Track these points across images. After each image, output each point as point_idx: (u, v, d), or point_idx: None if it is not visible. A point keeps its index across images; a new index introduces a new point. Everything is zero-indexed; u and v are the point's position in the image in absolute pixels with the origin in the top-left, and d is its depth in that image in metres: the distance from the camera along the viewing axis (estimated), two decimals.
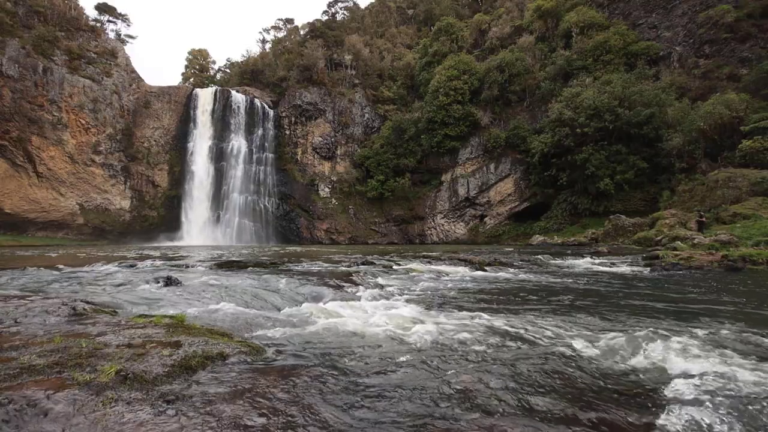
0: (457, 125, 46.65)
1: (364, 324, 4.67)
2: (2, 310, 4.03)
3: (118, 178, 49.32)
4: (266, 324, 4.62)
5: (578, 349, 3.65)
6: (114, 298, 5.72)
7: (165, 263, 12.49)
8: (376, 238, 51.21)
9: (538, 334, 4.22)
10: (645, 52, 39.50)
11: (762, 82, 30.08)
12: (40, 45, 43.75)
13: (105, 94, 47.87)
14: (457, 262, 13.03)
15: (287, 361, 3.21)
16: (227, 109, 52.69)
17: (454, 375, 2.95)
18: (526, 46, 48.26)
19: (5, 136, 41.77)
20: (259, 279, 8.46)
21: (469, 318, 5.05)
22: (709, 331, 4.33)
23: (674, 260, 12.07)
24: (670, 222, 23.07)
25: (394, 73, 59.05)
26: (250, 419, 2.13)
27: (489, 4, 64.86)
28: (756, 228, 17.48)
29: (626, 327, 4.59)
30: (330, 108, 54.82)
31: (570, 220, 38.49)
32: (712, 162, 29.40)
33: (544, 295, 7.23)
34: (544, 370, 3.06)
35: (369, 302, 6.32)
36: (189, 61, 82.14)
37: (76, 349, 2.82)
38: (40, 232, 45.99)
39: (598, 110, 35.14)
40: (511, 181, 45.62)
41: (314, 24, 65.97)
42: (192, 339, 3.25)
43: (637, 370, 3.19)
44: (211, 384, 2.55)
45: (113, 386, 2.31)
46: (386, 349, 3.63)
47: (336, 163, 54.46)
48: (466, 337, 4.05)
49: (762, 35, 33.29)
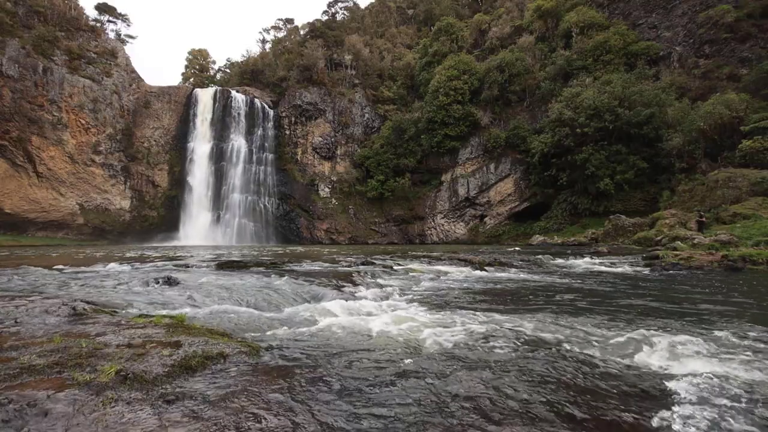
0: (457, 125, 46.67)
1: (364, 324, 4.67)
2: (2, 310, 4.03)
3: (118, 178, 49.32)
4: (266, 324, 4.62)
5: (578, 349, 3.65)
6: (114, 298, 5.71)
7: (165, 263, 12.49)
8: (376, 238, 51.21)
9: (538, 334, 4.22)
10: (645, 52, 39.49)
11: (762, 82, 30.08)
12: (40, 45, 43.75)
13: (105, 94, 47.87)
14: (457, 262, 13.03)
15: (287, 362, 3.21)
16: (227, 109, 52.68)
17: (455, 375, 2.95)
18: (526, 46, 48.27)
19: (5, 136, 41.77)
20: (260, 279, 8.46)
21: (469, 318, 5.05)
22: (710, 331, 4.33)
23: (674, 260, 12.07)
24: (670, 222, 23.07)
25: (394, 73, 59.06)
26: (250, 419, 2.13)
27: (489, 4, 64.87)
28: (756, 228, 17.48)
29: (626, 327, 4.59)
30: (330, 108, 54.81)
31: (570, 220, 38.49)
32: (712, 162, 29.40)
33: (544, 295, 7.23)
34: (544, 370, 3.06)
35: (369, 302, 6.32)
36: (189, 61, 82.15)
37: (76, 349, 2.82)
38: (40, 232, 45.99)
39: (598, 110, 35.14)
40: (511, 181, 45.62)
41: (314, 24, 65.96)
42: (192, 339, 3.25)
43: (637, 369, 3.19)
44: (211, 384, 2.55)
45: (113, 386, 2.31)
46: (386, 350, 3.63)
47: (336, 163, 54.46)
48: (466, 337, 4.05)
49: (762, 35, 33.28)
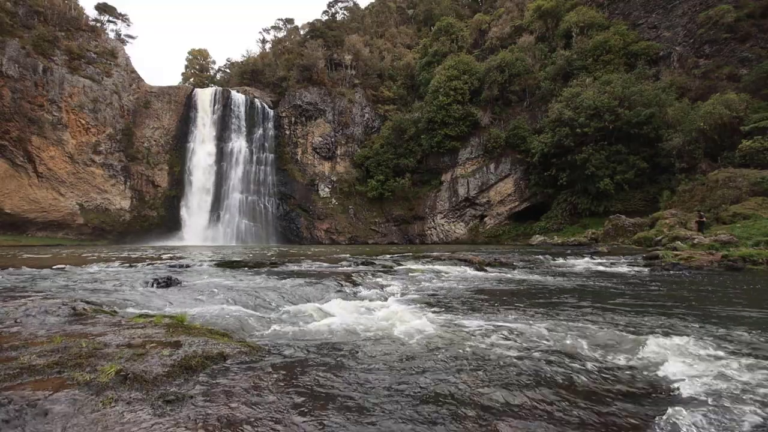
0: (457, 125, 46.67)
1: (364, 324, 4.67)
2: (2, 310, 4.03)
3: (118, 178, 49.28)
4: (266, 324, 4.62)
5: (578, 349, 3.65)
6: (114, 298, 5.71)
7: (165, 263, 12.49)
8: (376, 238, 51.20)
9: (537, 333, 4.22)
10: (645, 52, 39.49)
11: (762, 82, 30.08)
12: (40, 45, 43.72)
13: (105, 94, 47.85)
14: (457, 262, 13.03)
15: (287, 361, 3.21)
16: (227, 109, 52.68)
17: (455, 374, 2.95)
18: (526, 46, 48.27)
19: (5, 136, 41.75)
20: (260, 279, 8.46)
21: (469, 318, 5.05)
22: (710, 331, 4.33)
23: (674, 260, 12.08)
24: (670, 222, 23.06)
25: (394, 73, 59.06)
26: (250, 419, 2.13)
27: (489, 4, 64.91)
28: (756, 228, 17.48)
29: (625, 327, 4.59)
30: (330, 108, 54.81)
31: (570, 220, 38.49)
32: (712, 162, 29.39)
33: (544, 295, 7.23)
34: (543, 370, 3.06)
35: (369, 303, 6.32)
36: (189, 61, 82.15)
37: (76, 349, 2.82)
38: (40, 232, 45.95)
39: (598, 110, 35.14)
40: (511, 181, 45.62)
41: (314, 24, 65.94)
42: (192, 339, 3.25)
43: (637, 369, 3.19)
44: (211, 384, 2.55)
45: (113, 386, 2.31)
46: (386, 349, 3.63)
47: (336, 163, 54.45)
48: (466, 337, 4.05)
49: (762, 35, 33.28)
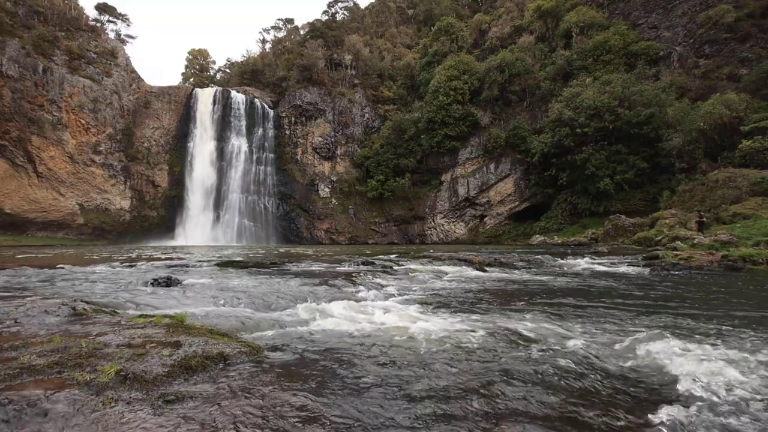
0: (457, 125, 46.68)
1: (363, 324, 4.67)
2: (2, 310, 4.03)
3: (118, 178, 49.28)
4: (266, 324, 4.62)
5: (578, 349, 3.65)
6: (114, 298, 5.71)
7: (165, 263, 12.48)
8: (376, 238, 51.21)
9: (538, 333, 4.22)
10: (645, 52, 39.50)
11: (762, 82, 30.08)
12: (40, 45, 43.72)
13: (105, 94, 47.85)
14: (458, 262, 13.03)
15: (287, 362, 3.21)
16: (227, 109, 52.70)
17: (455, 375, 2.95)
18: (526, 46, 48.28)
19: (5, 136, 41.76)
20: (260, 279, 8.46)
21: (470, 318, 5.05)
22: (710, 331, 4.33)
23: (674, 260, 12.07)
24: (670, 222, 23.06)
25: (394, 73, 59.07)
26: (250, 419, 2.13)
27: (489, 4, 64.92)
28: (756, 228, 17.48)
29: (626, 327, 4.59)
30: (330, 108, 54.82)
31: (570, 220, 38.50)
32: (712, 162, 29.39)
33: (544, 295, 7.23)
34: (544, 370, 3.06)
35: (369, 302, 6.32)
36: (189, 61, 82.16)
37: (76, 349, 2.82)
38: (40, 232, 45.95)
39: (598, 110, 35.15)
40: (511, 181, 45.62)
41: (314, 24, 65.95)
42: (192, 339, 3.25)
43: (637, 369, 3.19)
44: (211, 384, 2.55)
45: (113, 386, 2.31)
46: (386, 350, 3.62)
47: (336, 163, 54.46)
48: (466, 337, 4.05)
49: (762, 35, 33.28)
